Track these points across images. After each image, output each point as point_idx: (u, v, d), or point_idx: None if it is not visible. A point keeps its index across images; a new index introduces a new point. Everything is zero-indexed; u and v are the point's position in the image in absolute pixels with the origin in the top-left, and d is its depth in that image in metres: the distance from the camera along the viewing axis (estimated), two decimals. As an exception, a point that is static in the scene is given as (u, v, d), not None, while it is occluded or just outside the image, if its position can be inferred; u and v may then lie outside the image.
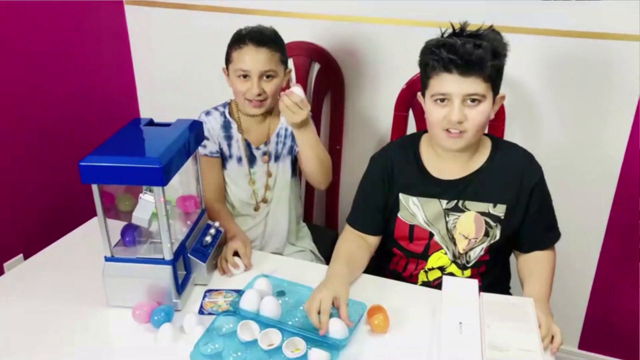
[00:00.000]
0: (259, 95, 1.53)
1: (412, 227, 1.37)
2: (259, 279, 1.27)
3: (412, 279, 1.42)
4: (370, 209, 1.41)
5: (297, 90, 1.40)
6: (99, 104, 2.21)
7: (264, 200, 1.67)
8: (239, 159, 1.63)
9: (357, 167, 2.07)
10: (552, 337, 1.12)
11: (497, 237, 1.34)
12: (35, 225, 2.00)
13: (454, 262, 1.37)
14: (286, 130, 1.64)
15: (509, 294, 1.46)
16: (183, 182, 1.40)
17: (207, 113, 1.64)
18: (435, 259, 1.38)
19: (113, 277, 1.21)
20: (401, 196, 1.37)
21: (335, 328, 1.12)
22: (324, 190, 2.02)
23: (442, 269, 1.39)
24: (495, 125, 1.63)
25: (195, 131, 1.28)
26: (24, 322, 1.20)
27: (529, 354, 1.00)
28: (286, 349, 1.08)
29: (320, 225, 2.11)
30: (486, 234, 1.33)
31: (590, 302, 1.95)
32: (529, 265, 1.35)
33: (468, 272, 1.38)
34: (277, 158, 1.66)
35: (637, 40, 1.60)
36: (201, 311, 1.24)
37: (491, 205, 1.32)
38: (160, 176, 1.09)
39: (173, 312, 1.20)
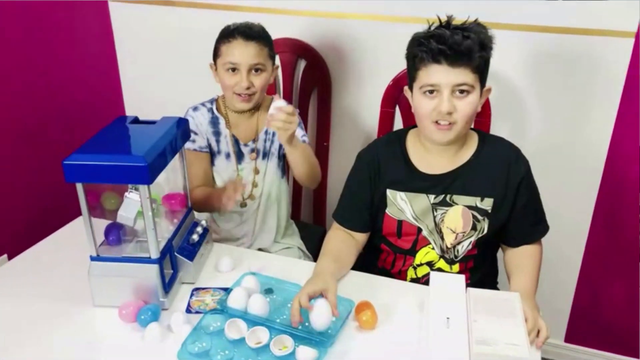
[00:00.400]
0: (248, 88, 1.53)
1: (400, 222, 1.37)
2: (246, 276, 1.26)
3: (400, 276, 1.43)
4: (357, 206, 1.41)
5: (282, 102, 1.38)
6: (83, 101, 2.19)
7: (251, 197, 1.66)
8: (227, 155, 1.63)
9: (344, 163, 2.07)
10: (538, 331, 1.13)
11: (485, 231, 1.34)
12: (20, 225, 1.98)
13: (442, 257, 1.38)
14: None
15: (497, 289, 1.47)
16: (169, 180, 1.39)
17: (195, 109, 1.64)
18: (423, 254, 1.39)
19: (99, 276, 1.20)
20: (389, 192, 1.37)
21: (321, 310, 1.12)
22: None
23: (430, 264, 1.39)
24: (482, 120, 1.64)
25: (181, 129, 1.28)
26: (9, 323, 1.19)
27: (516, 348, 1.00)
28: (274, 347, 1.07)
29: (308, 222, 2.10)
30: (474, 228, 1.34)
31: (575, 295, 1.97)
32: (516, 259, 1.36)
33: (457, 267, 1.39)
34: (265, 155, 1.65)
35: (622, 36, 1.61)
36: (188, 310, 1.23)
37: (478, 198, 1.33)
38: (146, 174, 1.08)
39: (160, 311, 1.19)
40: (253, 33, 1.53)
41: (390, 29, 1.83)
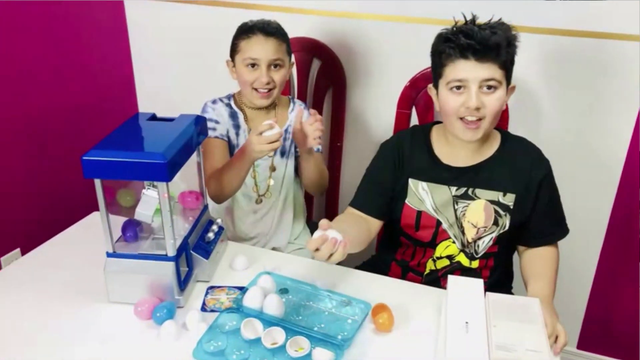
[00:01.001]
0: (268, 84, 1.53)
1: (419, 213, 1.37)
2: (262, 276, 1.25)
3: (419, 268, 1.43)
4: (375, 191, 1.41)
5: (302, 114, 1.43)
6: (97, 99, 2.19)
7: (267, 195, 1.66)
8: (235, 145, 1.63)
9: (357, 164, 2.06)
10: (556, 338, 1.12)
11: (507, 227, 1.34)
12: (33, 220, 1.98)
13: (462, 251, 1.38)
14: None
15: (512, 294, 1.46)
16: (185, 177, 1.38)
17: (214, 102, 1.65)
18: (443, 248, 1.39)
19: (115, 272, 1.20)
20: (410, 181, 1.37)
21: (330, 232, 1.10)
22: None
23: (450, 257, 1.39)
24: (499, 122, 1.62)
25: (199, 126, 1.27)
26: (23, 319, 1.18)
27: (537, 355, 0.99)
28: (290, 348, 1.07)
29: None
30: (495, 223, 1.34)
31: (589, 302, 1.96)
32: (533, 263, 1.36)
33: (476, 263, 1.38)
34: (282, 154, 1.65)
35: (637, 40, 1.59)
36: (204, 308, 1.23)
37: (501, 193, 1.33)
38: (165, 172, 1.08)
39: (175, 309, 1.18)
40: (272, 29, 1.54)
41: (407, 30, 1.83)
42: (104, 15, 2.16)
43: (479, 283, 1.16)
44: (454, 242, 1.37)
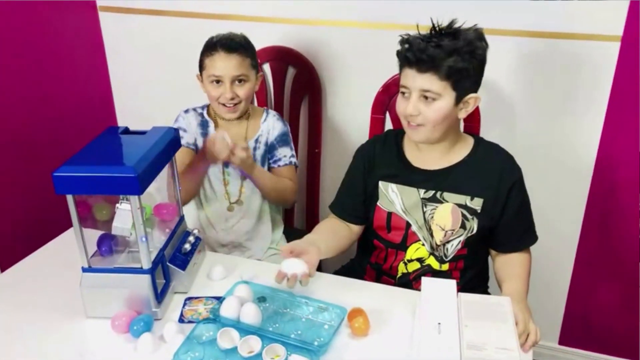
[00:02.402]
0: (232, 99, 1.57)
1: (389, 215, 1.40)
2: (239, 285, 1.26)
3: (392, 271, 1.45)
4: (352, 197, 1.47)
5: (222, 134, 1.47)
6: (75, 111, 2.18)
7: (239, 202, 1.68)
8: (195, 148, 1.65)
9: (336, 170, 2.08)
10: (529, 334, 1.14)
11: (474, 231, 1.36)
12: (12, 236, 1.97)
13: (432, 254, 1.40)
14: (266, 139, 1.67)
15: (488, 294, 1.48)
16: (160, 190, 1.39)
17: (186, 111, 1.69)
18: (414, 250, 1.41)
19: (91, 287, 1.20)
20: (381, 184, 1.41)
21: (293, 262, 1.20)
22: (304, 193, 2.04)
23: (421, 260, 1.41)
24: (471, 125, 1.64)
25: (171, 138, 1.28)
26: (0, 335, 1.18)
27: (507, 353, 1.01)
28: (266, 356, 1.08)
29: (301, 229, 2.11)
30: (463, 227, 1.36)
31: (569, 298, 1.98)
32: (505, 266, 1.38)
33: (446, 266, 1.40)
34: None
35: (608, 40, 1.63)
36: (181, 319, 1.23)
37: (468, 197, 1.35)
38: (136, 185, 1.08)
39: (153, 322, 1.19)
40: (235, 44, 1.56)
41: (379, 36, 1.84)
42: (79, 28, 2.15)
43: (451, 284, 1.18)
44: (423, 245, 1.40)
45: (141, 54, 2.21)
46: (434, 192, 1.36)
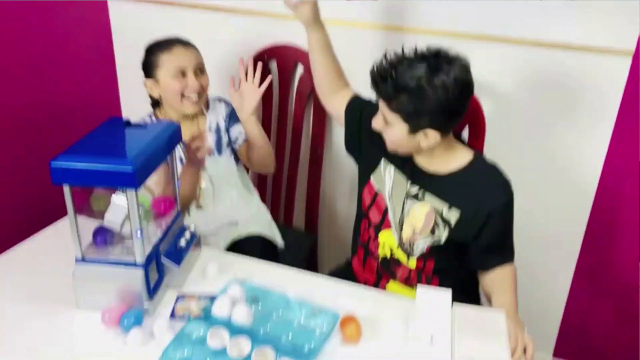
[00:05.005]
0: (198, 90, 1.60)
1: (376, 195, 1.44)
2: (232, 284, 1.25)
3: (374, 253, 1.47)
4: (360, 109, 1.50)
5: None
6: (80, 101, 2.17)
7: (201, 199, 1.70)
8: (180, 160, 1.64)
9: (337, 172, 2.08)
10: (525, 348, 1.13)
11: (442, 242, 1.36)
12: (6, 223, 1.96)
13: (399, 246, 1.41)
14: (217, 124, 1.71)
15: (478, 297, 1.48)
16: (159, 184, 1.38)
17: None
18: (386, 236, 1.43)
19: (83, 279, 1.19)
20: (383, 161, 1.43)
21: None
22: (305, 193, 2.03)
23: (391, 249, 1.44)
24: (476, 133, 1.63)
25: (171, 133, 1.27)
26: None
27: (499, 368, 1.00)
28: (256, 358, 1.06)
29: (300, 228, 2.09)
30: (432, 232, 1.36)
31: (565, 310, 1.96)
32: (491, 280, 1.36)
33: (413, 262, 1.41)
34: (217, 152, 1.71)
35: (619, 54, 1.61)
36: (173, 316, 1.22)
37: (446, 206, 1.34)
38: (133, 179, 1.07)
39: (143, 317, 1.18)
40: (186, 41, 1.63)
41: (386, 38, 1.83)
42: (87, 17, 2.14)
43: (447, 294, 1.17)
44: (393, 235, 1.41)
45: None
46: (418, 189, 1.37)
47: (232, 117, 1.73)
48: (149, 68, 1.63)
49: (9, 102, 1.90)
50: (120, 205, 1.15)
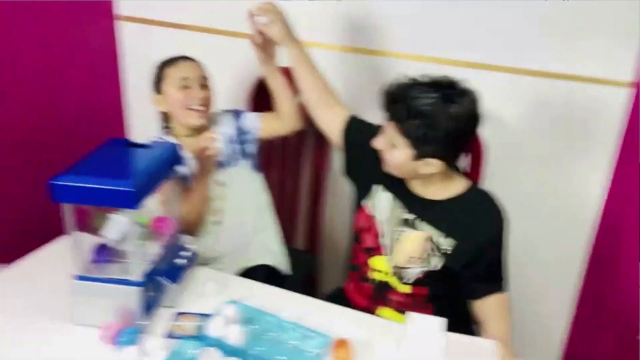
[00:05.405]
0: (202, 100, 1.61)
1: (370, 219, 1.45)
2: (227, 305, 1.26)
3: (367, 277, 1.46)
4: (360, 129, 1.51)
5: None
6: (85, 120, 2.20)
7: (219, 211, 1.68)
8: (187, 178, 1.64)
9: (342, 190, 2.09)
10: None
11: (436, 269, 1.36)
12: (7, 237, 1.97)
13: (393, 272, 1.41)
14: (227, 135, 1.69)
15: (471, 328, 1.46)
16: (159, 203, 1.40)
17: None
18: (380, 262, 1.43)
19: (81, 295, 1.21)
20: (380, 186, 1.44)
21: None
22: (306, 213, 2.04)
23: (385, 275, 1.44)
24: (475, 163, 1.64)
25: (172, 154, 1.29)
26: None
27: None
28: (246, 380, 1.07)
29: (300, 248, 2.10)
30: (426, 259, 1.36)
31: (568, 340, 1.95)
32: (483, 309, 1.37)
33: (407, 288, 1.41)
34: (229, 164, 1.68)
35: (618, 85, 1.62)
36: (169, 334, 1.24)
37: (443, 235, 1.34)
38: (132, 199, 1.09)
39: (138, 335, 1.19)
40: (192, 57, 1.66)
41: (396, 65, 1.86)
42: (96, 37, 2.18)
43: (438, 322, 1.17)
44: (386, 261, 1.42)
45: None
46: (413, 217, 1.38)
47: (240, 116, 1.73)
48: (155, 83, 1.65)
49: (15, 117, 1.93)
50: (118, 222, 1.17)
